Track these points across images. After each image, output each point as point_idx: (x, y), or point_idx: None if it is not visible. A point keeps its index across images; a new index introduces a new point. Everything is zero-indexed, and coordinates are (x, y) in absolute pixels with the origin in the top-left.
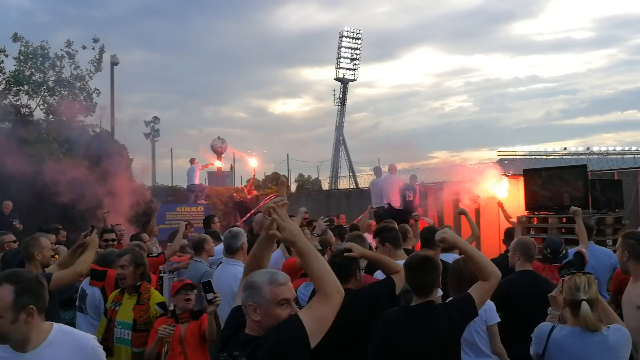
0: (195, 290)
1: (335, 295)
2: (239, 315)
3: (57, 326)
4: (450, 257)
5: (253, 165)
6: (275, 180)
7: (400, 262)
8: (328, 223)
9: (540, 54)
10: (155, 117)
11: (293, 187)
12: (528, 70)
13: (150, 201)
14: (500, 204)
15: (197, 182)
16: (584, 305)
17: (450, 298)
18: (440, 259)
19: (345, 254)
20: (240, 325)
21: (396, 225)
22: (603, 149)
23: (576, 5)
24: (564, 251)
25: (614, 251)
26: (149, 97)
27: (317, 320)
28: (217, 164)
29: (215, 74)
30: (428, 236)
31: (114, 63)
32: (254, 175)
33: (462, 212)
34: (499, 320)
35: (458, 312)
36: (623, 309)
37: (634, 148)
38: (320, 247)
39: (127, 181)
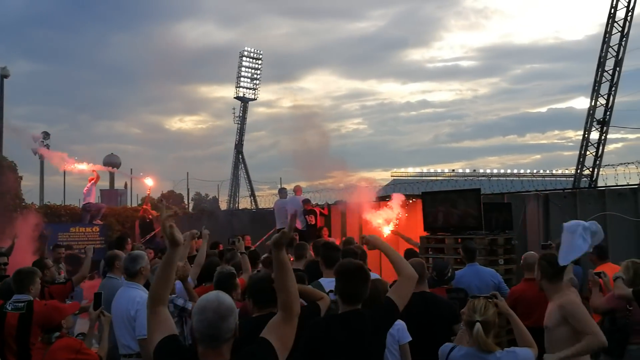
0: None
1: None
2: None
3: None
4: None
5: (149, 184)
6: (155, 205)
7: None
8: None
9: (430, 81)
10: (45, 133)
11: (190, 207)
12: (419, 95)
13: (42, 228)
14: (394, 232)
15: (92, 201)
16: (477, 325)
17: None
18: None
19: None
20: None
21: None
22: (488, 171)
23: (464, 35)
24: (449, 273)
25: (506, 270)
26: (35, 110)
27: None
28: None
29: (108, 88)
30: (349, 254)
31: (3, 76)
32: (148, 194)
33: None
34: (410, 339)
35: (382, 317)
36: None
37: (515, 170)
38: (233, 271)
39: (15, 200)
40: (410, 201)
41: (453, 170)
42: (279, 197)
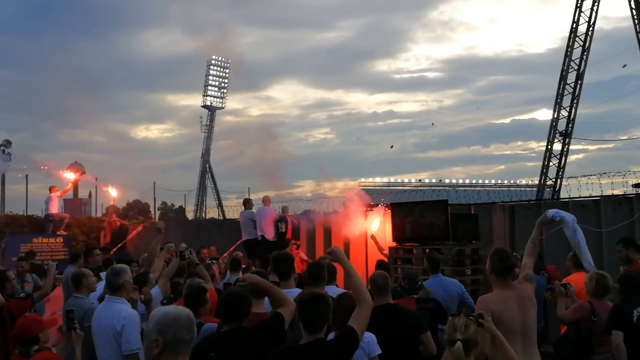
0: None
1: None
2: None
3: None
4: (334, 291)
5: (113, 194)
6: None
7: (289, 291)
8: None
9: (397, 92)
10: (7, 141)
11: (156, 217)
12: (386, 106)
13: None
14: (372, 237)
15: (55, 211)
16: (458, 344)
17: (332, 333)
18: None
19: (238, 283)
20: None
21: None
22: (454, 181)
23: (429, 47)
24: (419, 282)
25: (473, 280)
26: None
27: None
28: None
29: (72, 95)
30: (315, 272)
31: None
32: (112, 203)
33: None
34: (380, 352)
35: (344, 346)
36: None
37: (480, 181)
38: (203, 285)
39: None
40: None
41: (419, 180)
42: (245, 208)
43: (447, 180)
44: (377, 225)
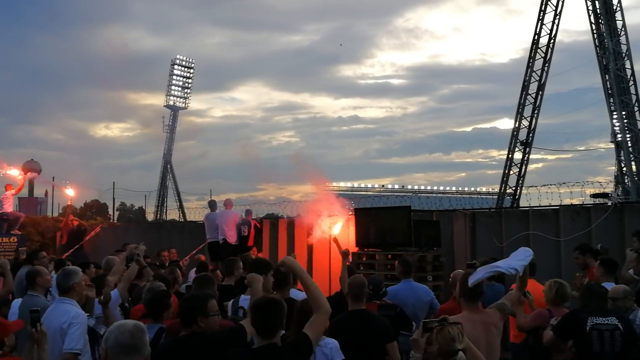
0: None
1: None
2: None
3: None
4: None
5: (70, 194)
6: (97, 209)
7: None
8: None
9: (362, 97)
10: None
11: (115, 217)
12: (351, 111)
13: None
14: (335, 240)
15: (10, 209)
16: (461, 355)
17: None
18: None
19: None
20: None
21: None
22: (416, 187)
23: (394, 54)
24: (384, 289)
25: (434, 287)
26: None
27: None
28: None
29: (29, 91)
30: (281, 276)
31: None
32: (69, 203)
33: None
34: (343, 357)
35: (297, 352)
36: None
37: (441, 187)
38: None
39: None
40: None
41: (383, 185)
42: (210, 210)
43: (409, 186)
44: (340, 228)
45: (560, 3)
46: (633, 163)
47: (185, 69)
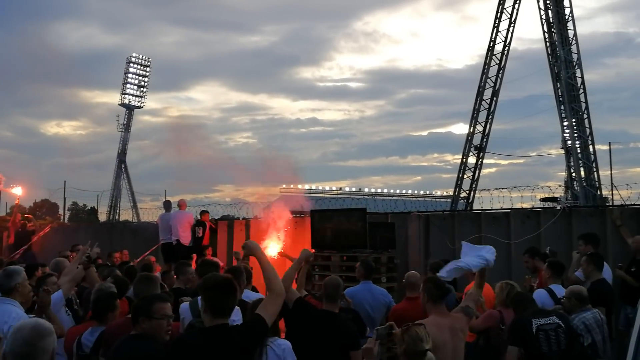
0: None
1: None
2: None
3: None
4: (250, 296)
5: (17, 193)
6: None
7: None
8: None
9: (320, 99)
10: None
11: (66, 217)
12: (309, 113)
13: None
14: (282, 254)
15: None
16: (429, 354)
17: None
18: None
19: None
20: None
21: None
22: (372, 190)
23: (353, 57)
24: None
25: (388, 288)
26: None
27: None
28: None
29: None
30: (236, 277)
31: None
32: (17, 202)
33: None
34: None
35: (250, 332)
36: None
37: (397, 190)
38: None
39: None
40: (299, 217)
41: (340, 188)
42: (164, 211)
43: (366, 189)
44: (275, 248)
45: (515, 11)
46: (582, 169)
47: (141, 67)
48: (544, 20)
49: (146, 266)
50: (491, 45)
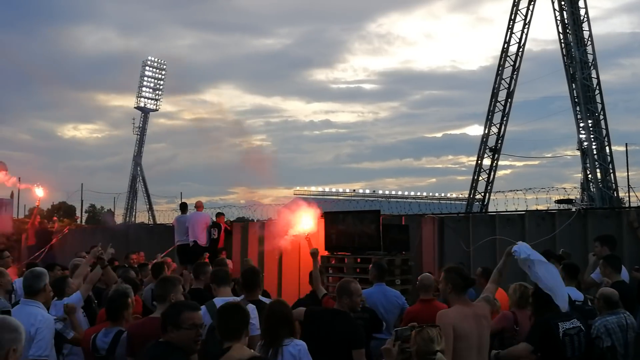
0: None
1: None
2: None
3: None
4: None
5: (39, 194)
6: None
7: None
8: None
9: (333, 101)
10: None
11: (83, 220)
12: (322, 115)
13: None
14: (307, 238)
15: None
16: (439, 355)
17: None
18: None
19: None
20: None
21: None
22: (386, 192)
23: (367, 59)
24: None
25: (402, 290)
26: None
27: None
28: None
29: None
30: (250, 278)
31: None
32: (37, 205)
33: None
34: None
35: None
36: None
37: (412, 193)
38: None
39: None
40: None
41: (354, 190)
42: (180, 213)
43: (380, 191)
44: (313, 226)
45: (530, 13)
46: (598, 170)
47: (157, 70)
48: (558, 21)
49: (157, 267)
50: (505, 46)
